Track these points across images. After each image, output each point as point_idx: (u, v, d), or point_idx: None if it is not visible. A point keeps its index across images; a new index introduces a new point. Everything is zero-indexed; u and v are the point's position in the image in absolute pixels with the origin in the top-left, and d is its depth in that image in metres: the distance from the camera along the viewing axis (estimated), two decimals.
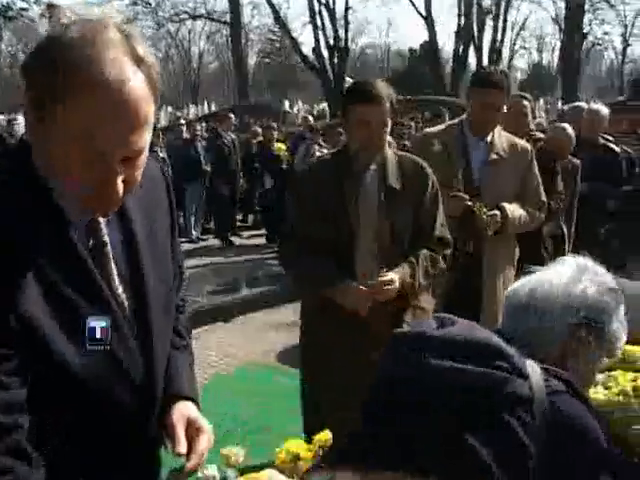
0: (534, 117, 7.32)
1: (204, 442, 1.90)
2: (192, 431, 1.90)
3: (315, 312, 4.10)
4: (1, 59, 63.59)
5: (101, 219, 1.74)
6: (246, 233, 15.46)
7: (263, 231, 14.75)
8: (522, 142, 5.14)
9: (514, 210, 4.86)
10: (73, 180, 1.58)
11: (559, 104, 30.64)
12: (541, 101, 35.16)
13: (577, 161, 6.82)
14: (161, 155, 13.21)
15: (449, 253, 4.14)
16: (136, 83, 1.54)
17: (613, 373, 3.91)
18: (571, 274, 2.07)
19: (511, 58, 55.84)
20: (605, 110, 8.03)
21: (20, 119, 26.13)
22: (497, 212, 4.76)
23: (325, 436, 2.66)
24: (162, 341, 1.88)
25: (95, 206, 1.64)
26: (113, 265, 1.75)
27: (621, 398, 3.53)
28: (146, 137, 1.60)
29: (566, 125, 6.95)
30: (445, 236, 4.13)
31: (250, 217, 16.65)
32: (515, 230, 4.95)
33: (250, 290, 10.47)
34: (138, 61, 1.56)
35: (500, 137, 4.97)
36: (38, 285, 1.57)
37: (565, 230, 6.56)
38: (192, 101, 45.91)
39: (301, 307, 4.31)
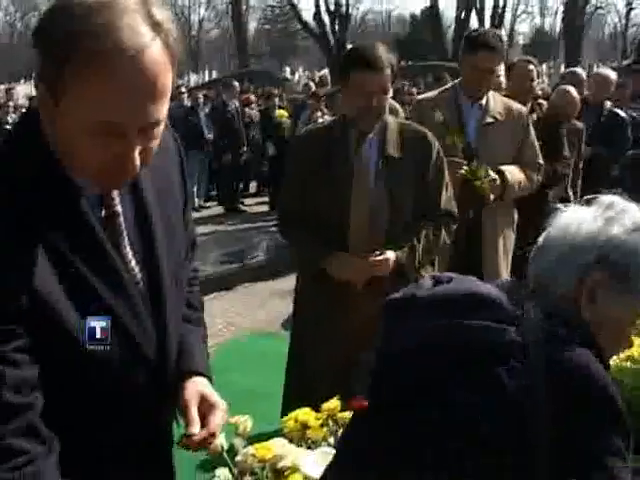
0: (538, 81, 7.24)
1: (218, 419, 1.86)
2: (205, 407, 1.86)
3: (309, 283, 4.01)
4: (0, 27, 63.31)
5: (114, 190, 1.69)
6: (248, 201, 15.43)
7: (266, 199, 14.72)
8: (517, 105, 5.03)
9: (513, 174, 4.80)
10: (87, 153, 1.52)
11: (562, 69, 30.52)
12: (544, 66, 34.99)
13: (581, 125, 6.77)
14: None
15: (454, 227, 4.04)
16: (154, 51, 1.47)
17: None
18: (593, 212, 1.84)
19: (513, 23, 55.53)
20: (613, 75, 7.99)
21: (18, 88, 26.09)
22: (496, 177, 4.69)
23: (334, 404, 2.65)
24: (175, 314, 1.84)
25: (109, 179, 1.59)
26: (125, 236, 1.71)
27: (629, 364, 3.52)
28: (164, 107, 1.54)
29: (570, 87, 6.90)
30: (452, 210, 4.01)
31: (252, 184, 16.59)
32: (515, 195, 4.88)
33: (254, 258, 10.45)
34: (156, 27, 1.48)
35: (495, 100, 4.87)
36: (49, 259, 1.53)
37: (571, 195, 6.51)
38: (192, 69, 45.63)
39: (297, 276, 4.21)
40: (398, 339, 1.73)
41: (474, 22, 40.41)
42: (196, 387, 1.89)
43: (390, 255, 3.76)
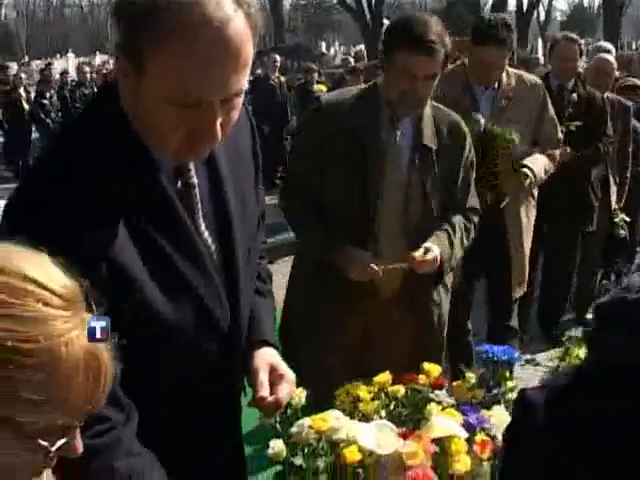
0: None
1: (286, 389, 1.89)
2: (274, 377, 1.89)
3: (304, 281, 3.59)
4: (36, 4, 63.55)
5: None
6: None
7: None
8: (530, 77, 4.85)
9: (537, 165, 4.67)
10: (170, 124, 1.54)
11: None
12: (582, 42, 34.59)
13: (629, 103, 6.64)
14: None
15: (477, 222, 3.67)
16: (237, 22, 1.49)
17: None
18: None
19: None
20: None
21: (56, 64, 26.14)
22: (528, 173, 4.56)
23: (385, 377, 2.68)
24: (247, 286, 1.87)
25: (191, 149, 1.61)
26: (200, 208, 1.74)
27: None
28: (245, 78, 1.56)
29: (606, 55, 6.79)
30: (476, 206, 3.65)
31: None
32: (542, 181, 4.78)
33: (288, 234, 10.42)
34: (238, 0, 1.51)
35: (508, 77, 4.66)
36: (128, 230, 1.56)
37: (610, 174, 6.42)
38: None
39: (291, 270, 3.74)
40: (610, 351, 1.42)
41: None
42: (266, 356, 1.93)
43: (437, 252, 3.32)
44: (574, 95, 5.79)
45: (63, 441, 1.12)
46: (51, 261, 1.14)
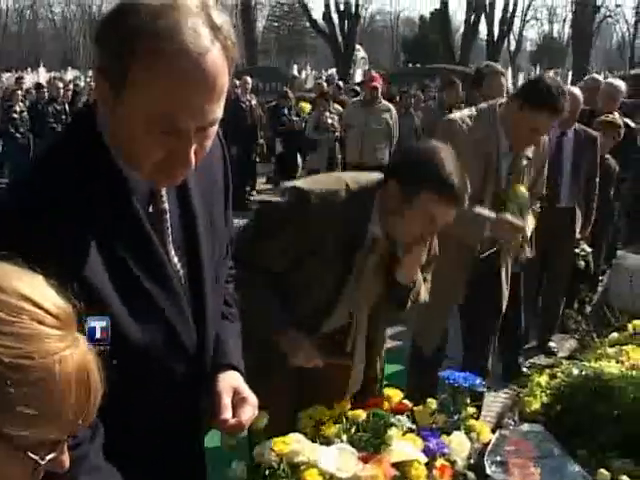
0: None
1: (248, 412, 1.91)
2: (237, 400, 1.92)
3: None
4: (8, 15, 63.25)
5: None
6: (255, 197, 15.47)
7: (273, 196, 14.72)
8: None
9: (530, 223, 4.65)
10: (145, 149, 1.58)
11: (569, 76, 30.54)
12: (551, 73, 35.02)
13: (595, 134, 6.66)
14: None
15: None
16: (214, 53, 1.53)
17: (625, 347, 3.96)
18: None
19: (522, 28, 55.48)
20: (623, 85, 8.01)
21: (27, 77, 25.91)
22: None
23: (346, 403, 2.71)
24: (214, 310, 1.91)
25: (164, 175, 1.65)
26: (170, 233, 1.77)
27: (634, 372, 3.57)
28: (220, 108, 1.60)
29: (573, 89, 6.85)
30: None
31: (258, 181, 16.66)
32: None
33: None
34: (215, 30, 1.55)
35: None
36: (99, 252, 1.59)
37: (576, 205, 6.49)
38: None
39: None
40: None
41: (483, 26, 40.46)
42: (230, 380, 1.95)
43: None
44: None
45: (53, 455, 1.15)
46: (45, 281, 1.17)
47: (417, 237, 2.98)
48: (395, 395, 2.82)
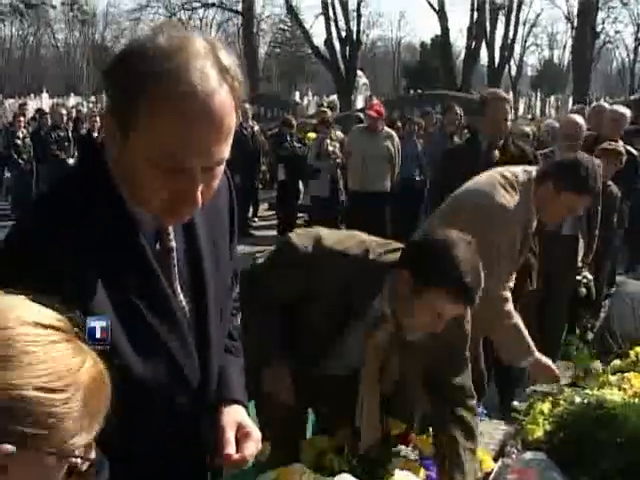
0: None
1: (251, 447, 1.91)
2: (241, 435, 1.91)
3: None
4: (12, 42, 63.57)
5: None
6: (257, 223, 15.51)
7: (274, 222, 14.77)
8: None
9: None
10: (152, 187, 1.60)
11: (570, 102, 30.62)
12: (552, 98, 35.12)
13: (596, 160, 6.68)
14: None
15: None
16: (221, 95, 1.55)
17: (627, 375, 3.96)
18: None
19: (522, 54, 55.74)
20: (628, 112, 8.05)
21: (30, 103, 25.93)
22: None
23: (347, 431, 2.72)
24: (217, 345, 1.91)
25: (171, 214, 1.67)
26: (176, 271, 1.78)
27: (636, 400, 3.57)
28: (227, 148, 1.61)
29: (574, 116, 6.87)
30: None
31: (261, 208, 16.70)
32: None
33: None
34: (223, 72, 1.57)
35: None
36: (105, 288, 1.60)
37: (579, 232, 6.50)
38: None
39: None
40: None
41: (484, 52, 40.65)
42: (234, 414, 1.95)
43: None
44: (496, 153, 5.78)
45: (93, 455, 1.22)
46: (39, 304, 1.20)
47: (425, 327, 2.92)
48: (396, 426, 2.83)
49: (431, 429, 3.12)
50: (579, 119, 6.68)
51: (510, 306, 3.75)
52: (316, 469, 2.47)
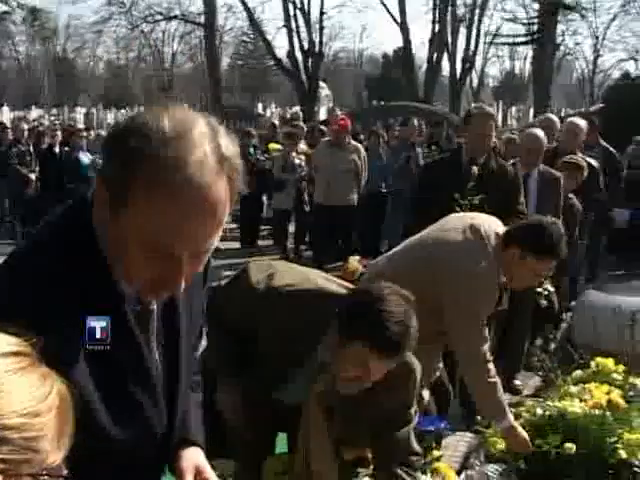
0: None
1: None
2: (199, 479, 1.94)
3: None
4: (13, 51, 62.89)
5: None
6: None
7: (236, 234, 14.77)
8: None
9: None
10: (135, 266, 1.58)
11: (531, 112, 30.93)
12: (513, 109, 35.43)
13: (558, 174, 6.76)
14: None
15: None
16: (218, 187, 1.54)
17: (587, 386, 4.01)
18: None
19: (484, 65, 56.16)
20: (584, 123, 8.14)
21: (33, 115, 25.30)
22: None
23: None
24: (184, 398, 1.93)
25: (151, 292, 1.66)
26: (155, 331, 1.78)
27: (597, 412, 3.62)
28: (218, 237, 1.60)
29: (535, 131, 6.91)
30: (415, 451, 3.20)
31: None
32: None
33: None
34: (222, 162, 1.55)
35: None
36: (83, 348, 1.59)
37: None
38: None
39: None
40: None
41: (445, 64, 40.90)
42: (193, 457, 1.97)
43: None
44: (474, 169, 5.77)
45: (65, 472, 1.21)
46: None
47: (352, 380, 2.84)
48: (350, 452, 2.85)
49: None
50: (540, 133, 6.74)
51: (491, 365, 3.76)
52: None
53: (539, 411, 3.78)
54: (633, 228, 12.82)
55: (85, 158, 14.09)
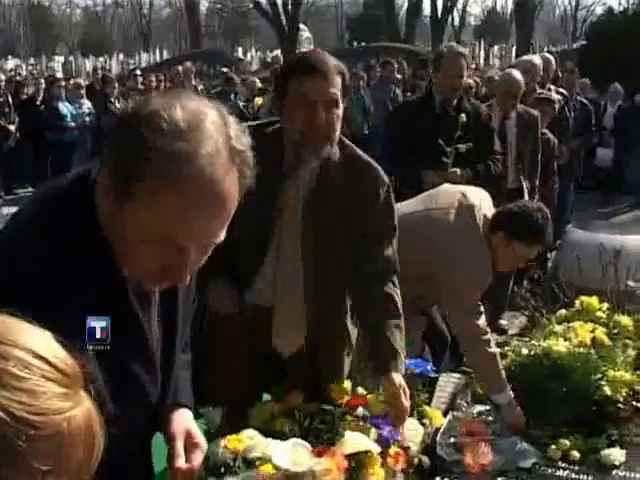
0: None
1: (199, 457, 1.94)
2: (188, 444, 1.94)
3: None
4: None
5: None
6: None
7: None
8: None
9: None
10: (140, 257, 1.56)
11: (513, 51, 30.75)
12: (495, 48, 35.22)
13: (536, 113, 6.74)
14: (118, 106, 13.03)
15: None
16: (228, 182, 1.51)
17: (572, 324, 4.03)
18: None
19: (465, 4, 55.73)
20: (537, 60, 8.07)
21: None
22: None
23: (298, 397, 2.74)
24: (178, 366, 1.95)
25: (155, 282, 1.65)
26: (156, 312, 1.78)
27: (581, 350, 3.64)
28: (225, 229, 1.58)
29: (514, 74, 6.84)
30: (396, 266, 3.16)
31: None
32: None
33: None
34: (234, 155, 1.52)
35: None
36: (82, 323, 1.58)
37: (525, 186, 6.54)
38: (143, 49, 45.15)
39: None
40: None
41: (427, 3, 40.58)
42: (183, 421, 1.98)
43: (402, 382, 2.88)
44: (462, 116, 5.57)
45: None
46: (53, 338, 1.16)
47: (308, 124, 2.86)
48: (339, 392, 2.86)
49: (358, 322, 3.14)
50: (518, 75, 6.67)
51: (489, 336, 3.78)
52: (266, 434, 2.49)
53: (524, 351, 3.79)
54: (616, 167, 12.90)
55: (64, 108, 13.93)
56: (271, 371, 3.10)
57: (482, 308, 3.81)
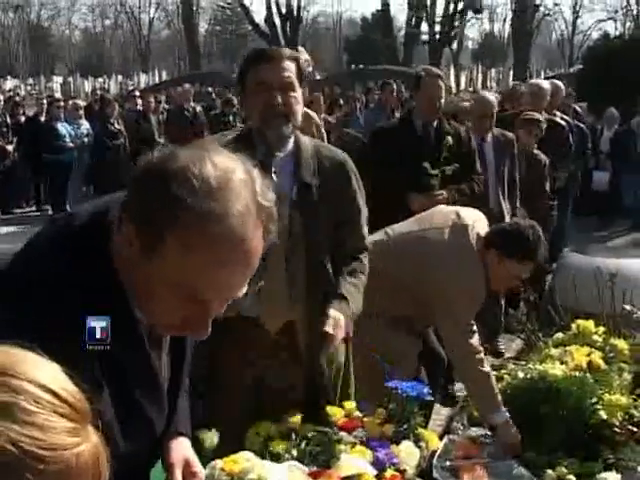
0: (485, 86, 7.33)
1: None
2: (187, 473, 1.96)
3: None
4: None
5: None
6: None
7: None
8: None
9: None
10: (162, 308, 1.57)
11: (510, 74, 30.89)
12: (492, 71, 35.37)
13: (510, 135, 6.72)
14: (118, 127, 13.07)
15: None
16: (255, 239, 1.53)
17: (568, 348, 4.03)
18: None
19: (463, 27, 55.94)
20: (547, 85, 8.13)
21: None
22: None
23: (296, 418, 2.73)
24: (182, 393, 1.98)
25: (173, 331, 1.68)
26: (166, 346, 1.80)
27: (577, 374, 3.64)
28: (247, 283, 1.59)
29: (488, 97, 6.87)
30: (364, 246, 3.35)
31: None
32: None
33: None
34: (261, 212, 1.54)
35: None
36: (99, 363, 1.58)
37: (505, 208, 6.53)
38: (142, 70, 45.26)
39: None
40: None
41: (424, 26, 40.71)
42: (181, 450, 1.99)
43: (337, 315, 3.03)
44: (449, 139, 5.65)
45: None
46: (62, 371, 1.17)
47: (267, 108, 3.05)
48: (337, 412, 2.86)
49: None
50: (491, 97, 6.77)
51: (482, 355, 3.77)
52: (263, 456, 2.48)
53: (520, 374, 3.79)
54: (613, 190, 12.92)
55: (63, 128, 13.94)
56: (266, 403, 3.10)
57: (475, 327, 3.81)
